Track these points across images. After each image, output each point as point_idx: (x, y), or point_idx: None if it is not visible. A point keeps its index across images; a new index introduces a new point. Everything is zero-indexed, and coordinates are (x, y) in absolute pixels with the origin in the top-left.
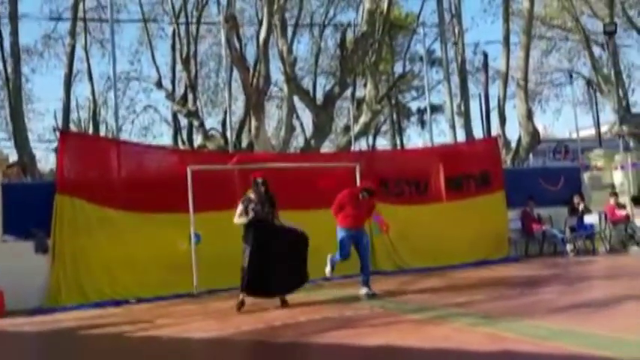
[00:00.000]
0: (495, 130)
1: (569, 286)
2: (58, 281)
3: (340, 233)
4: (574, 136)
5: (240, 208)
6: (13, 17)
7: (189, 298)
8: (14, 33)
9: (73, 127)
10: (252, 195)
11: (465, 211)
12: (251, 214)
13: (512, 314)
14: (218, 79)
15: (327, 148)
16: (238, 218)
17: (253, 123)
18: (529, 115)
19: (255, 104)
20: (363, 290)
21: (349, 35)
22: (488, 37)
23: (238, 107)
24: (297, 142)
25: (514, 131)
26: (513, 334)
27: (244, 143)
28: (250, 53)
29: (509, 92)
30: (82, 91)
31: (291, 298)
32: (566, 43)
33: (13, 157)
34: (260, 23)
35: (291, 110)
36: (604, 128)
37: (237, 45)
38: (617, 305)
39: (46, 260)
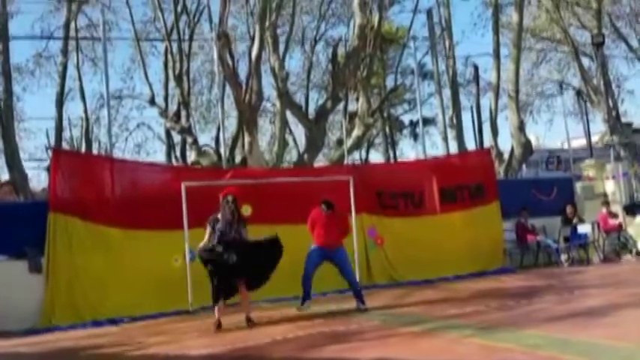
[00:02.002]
0: (488, 141)
1: (565, 296)
2: (52, 301)
3: (311, 249)
4: (566, 146)
5: (208, 230)
6: (4, 36)
7: (184, 316)
8: (5, 52)
9: (65, 146)
10: (219, 215)
11: (459, 223)
12: (217, 234)
13: (508, 324)
14: (211, 96)
15: (320, 162)
16: (202, 243)
17: (246, 138)
18: (521, 126)
19: (248, 120)
20: (358, 305)
21: (341, 50)
22: (479, 49)
23: (231, 123)
24: (291, 156)
25: (506, 142)
26: (509, 345)
27: (238, 159)
28: (242, 69)
29: (501, 104)
30: (74, 109)
31: (288, 312)
32: (556, 55)
33: (5, 176)
34: (252, 39)
35: (284, 125)
36: (595, 138)
37: (230, 61)
38: (612, 314)
39: (40, 280)
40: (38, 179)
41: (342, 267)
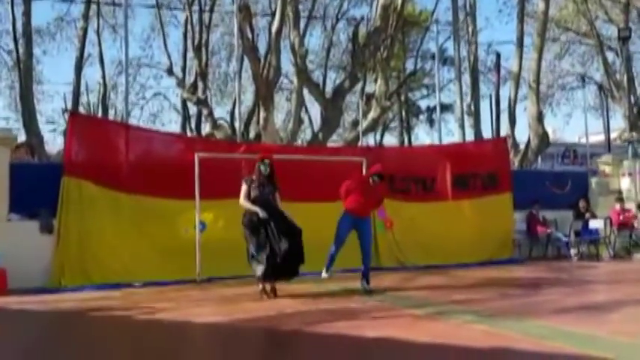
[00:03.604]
0: (505, 131)
1: (572, 289)
2: (62, 262)
3: (342, 216)
4: (583, 140)
5: (244, 187)
6: None
7: (191, 285)
8: (27, 14)
9: (82, 110)
10: (253, 176)
11: (470, 211)
12: (253, 194)
13: (512, 313)
14: (228, 69)
15: (334, 142)
16: (244, 200)
17: (262, 114)
18: (539, 117)
19: (265, 95)
20: (363, 284)
21: (362, 30)
22: (502, 37)
23: (247, 98)
24: (305, 135)
25: (523, 133)
26: (513, 333)
27: (252, 134)
28: (262, 44)
29: (521, 94)
30: (92, 74)
31: (294, 288)
32: (580, 47)
33: (21, 137)
34: (273, 14)
35: (300, 103)
36: (614, 134)
37: (250, 35)
38: (618, 309)
39: (51, 241)
40: (54, 142)
41: (365, 237)
